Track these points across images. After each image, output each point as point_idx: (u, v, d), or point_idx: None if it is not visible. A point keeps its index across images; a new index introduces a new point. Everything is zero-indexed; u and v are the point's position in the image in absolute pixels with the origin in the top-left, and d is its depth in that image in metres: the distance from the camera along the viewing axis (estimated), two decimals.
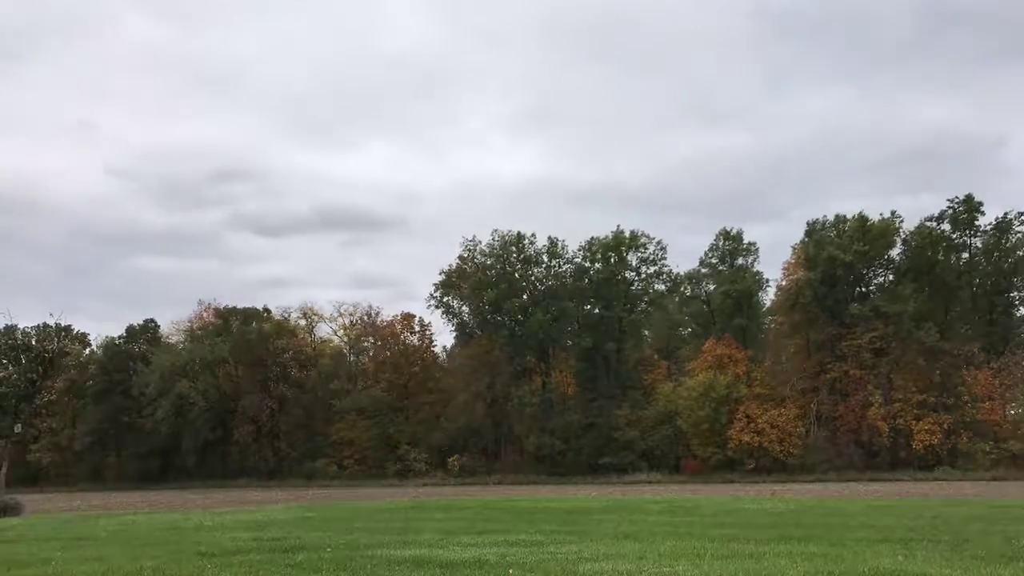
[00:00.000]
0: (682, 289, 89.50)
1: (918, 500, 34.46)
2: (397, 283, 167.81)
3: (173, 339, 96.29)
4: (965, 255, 78.11)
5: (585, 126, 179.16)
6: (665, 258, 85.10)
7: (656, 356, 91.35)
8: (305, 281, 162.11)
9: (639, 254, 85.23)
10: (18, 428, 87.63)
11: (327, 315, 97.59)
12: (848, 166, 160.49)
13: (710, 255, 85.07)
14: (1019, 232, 76.13)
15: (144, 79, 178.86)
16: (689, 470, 74.63)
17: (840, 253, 73.74)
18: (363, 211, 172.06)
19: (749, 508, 26.82)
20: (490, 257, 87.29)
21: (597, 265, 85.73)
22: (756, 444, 72.22)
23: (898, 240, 77.07)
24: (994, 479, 60.88)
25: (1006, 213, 76.60)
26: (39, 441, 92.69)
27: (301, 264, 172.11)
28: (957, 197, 76.63)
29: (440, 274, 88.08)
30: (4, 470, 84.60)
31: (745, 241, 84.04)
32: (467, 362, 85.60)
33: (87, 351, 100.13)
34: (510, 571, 11.10)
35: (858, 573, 10.58)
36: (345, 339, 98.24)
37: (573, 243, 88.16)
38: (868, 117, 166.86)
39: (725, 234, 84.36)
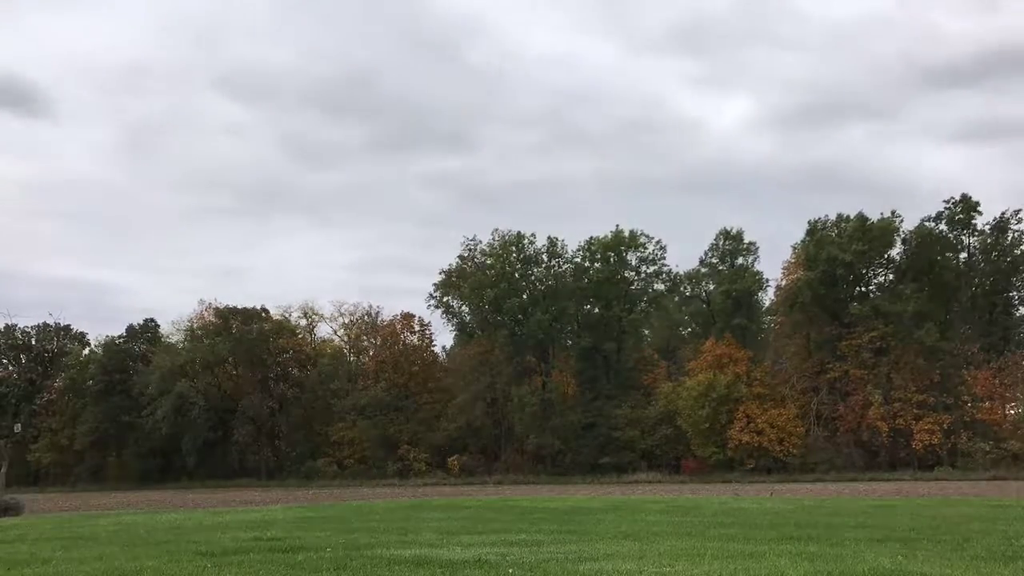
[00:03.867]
0: (682, 289, 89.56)
1: (918, 500, 34.46)
2: None
3: (173, 339, 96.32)
4: (964, 255, 78.17)
5: None
6: (665, 258, 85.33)
7: (656, 356, 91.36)
8: None
9: (638, 254, 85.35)
10: (18, 428, 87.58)
11: (327, 315, 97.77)
12: None
13: (710, 255, 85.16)
14: (1017, 231, 76.29)
15: None
16: (689, 470, 74.64)
17: (840, 253, 73.74)
18: None
19: (749, 508, 26.84)
20: (490, 257, 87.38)
21: (596, 265, 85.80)
22: (756, 444, 72.22)
23: (898, 240, 77.14)
24: (994, 479, 60.83)
25: (1003, 212, 76.84)
26: (39, 441, 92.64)
27: None
28: (953, 197, 76.85)
29: (440, 274, 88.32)
30: (4, 470, 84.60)
31: (745, 241, 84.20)
32: (467, 362, 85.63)
33: (87, 351, 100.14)
34: (510, 571, 11.10)
35: (858, 573, 10.58)
36: (345, 339, 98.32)
37: (572, 243, 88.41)
38: None
39: (725, 234, 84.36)
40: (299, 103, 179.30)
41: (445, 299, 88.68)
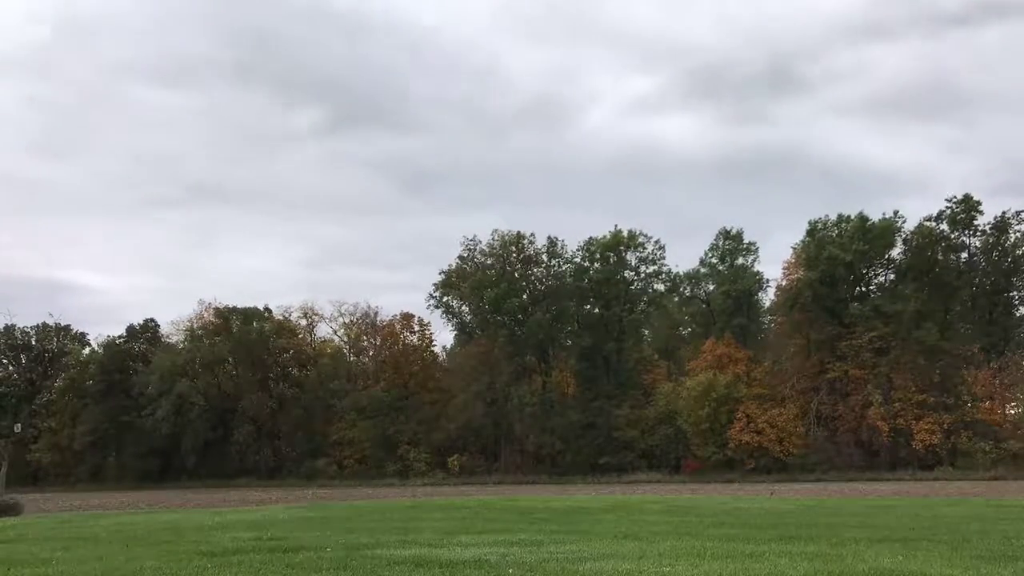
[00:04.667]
0: (682, 289, 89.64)
1: (918, 500, 34.45)
2: None
3: (173, 339, 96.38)
4: (965, 255, 78.16)
5: None
6: (664, 258, 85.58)
7: (656, 356, 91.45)
8: None
9: (638, 253, 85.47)
10: (18, 428, 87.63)
11: (327, 315, 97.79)
12: None
13: (710, 255, 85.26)
14: (1018, 231, 76.29)
15: None
16: (689, 470, 74.67)
17: (840, 253, 73.80)
18: None
19: (749, 508, 26.82)
20: (489, 257, 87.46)
21: (596, 265, 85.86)
22: (756, 444, 72.28)
23: (899, 240, 77.15)
24: (994, 479, 60.86)
25: (1004, 212, 76.84)
26: (39, 441, 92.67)
27: None
28: (955, 196, 76.81)
29: (440, 274, 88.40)
30: (4, 470, 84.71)
31: (745, 241, 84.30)
32: (467, 362, 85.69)
33: (87, 351, 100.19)
34: (510, 571, 11.09)
35: (858, 573, 10.56)
36: (345, 339, 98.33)
37: (572, 243, 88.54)
38: None
39: (725, 234, 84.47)
40: (226, 87, 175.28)
41: (445, 299, 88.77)
